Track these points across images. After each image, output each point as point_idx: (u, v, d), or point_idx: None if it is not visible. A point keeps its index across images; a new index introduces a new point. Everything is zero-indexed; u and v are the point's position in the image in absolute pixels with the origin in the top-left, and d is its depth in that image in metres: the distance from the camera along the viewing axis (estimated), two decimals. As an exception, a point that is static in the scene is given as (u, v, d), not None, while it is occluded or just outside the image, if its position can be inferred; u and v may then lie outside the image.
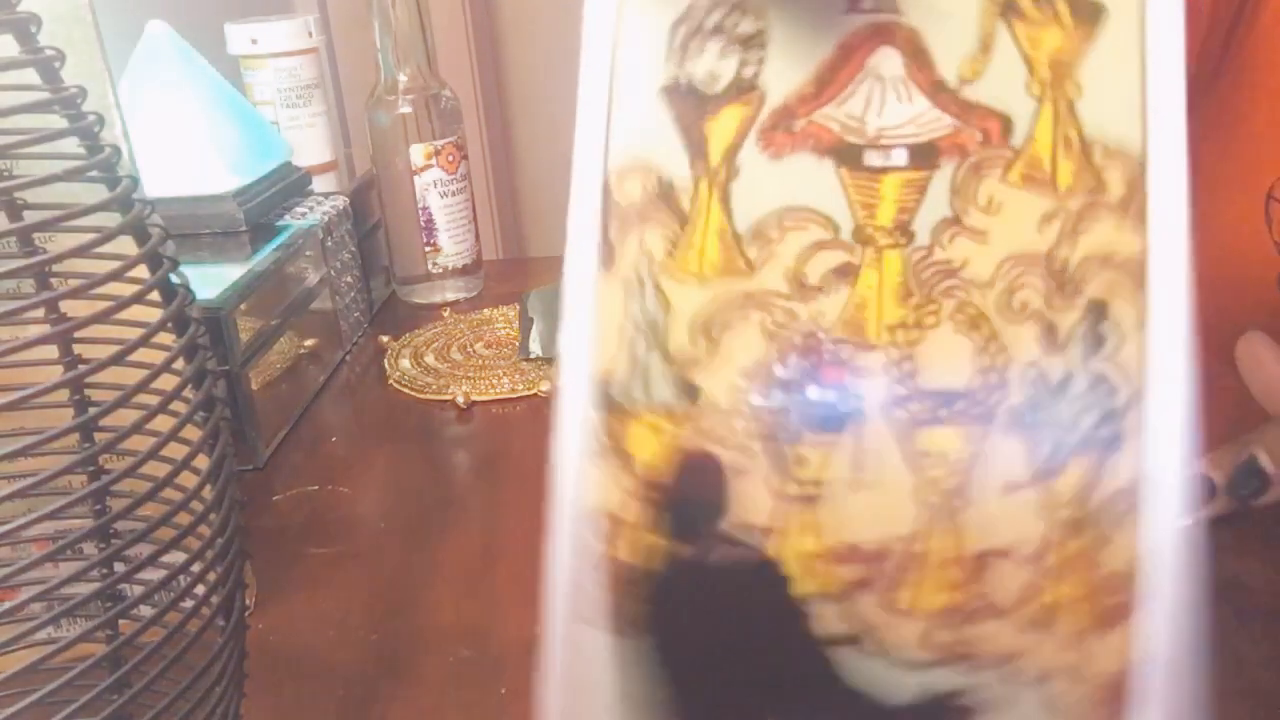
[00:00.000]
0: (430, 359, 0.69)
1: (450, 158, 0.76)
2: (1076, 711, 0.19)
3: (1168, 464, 0.19)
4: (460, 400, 0.62)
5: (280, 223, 0.67)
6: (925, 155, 0.20)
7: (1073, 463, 0.19)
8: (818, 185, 0.20)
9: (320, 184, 0.77)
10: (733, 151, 0.21)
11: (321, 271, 0.69)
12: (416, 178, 0.76)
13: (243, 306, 0.57)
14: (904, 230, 0.20)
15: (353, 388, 0.68)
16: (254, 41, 0.76)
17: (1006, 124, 0.20)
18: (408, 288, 0.80)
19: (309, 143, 0.80)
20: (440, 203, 0.77)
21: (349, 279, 0.73)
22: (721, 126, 0.21)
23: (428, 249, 0.78)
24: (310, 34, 0.78)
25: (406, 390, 0.65)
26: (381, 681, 0.40)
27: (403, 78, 0.75)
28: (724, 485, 0.20)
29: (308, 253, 0.67)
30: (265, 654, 0.42)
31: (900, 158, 0.20)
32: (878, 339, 0.20)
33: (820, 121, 0.21)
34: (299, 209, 0.70)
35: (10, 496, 0.23)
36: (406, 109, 0.75)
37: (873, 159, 0.20)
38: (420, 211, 0.76)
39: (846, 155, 0.20)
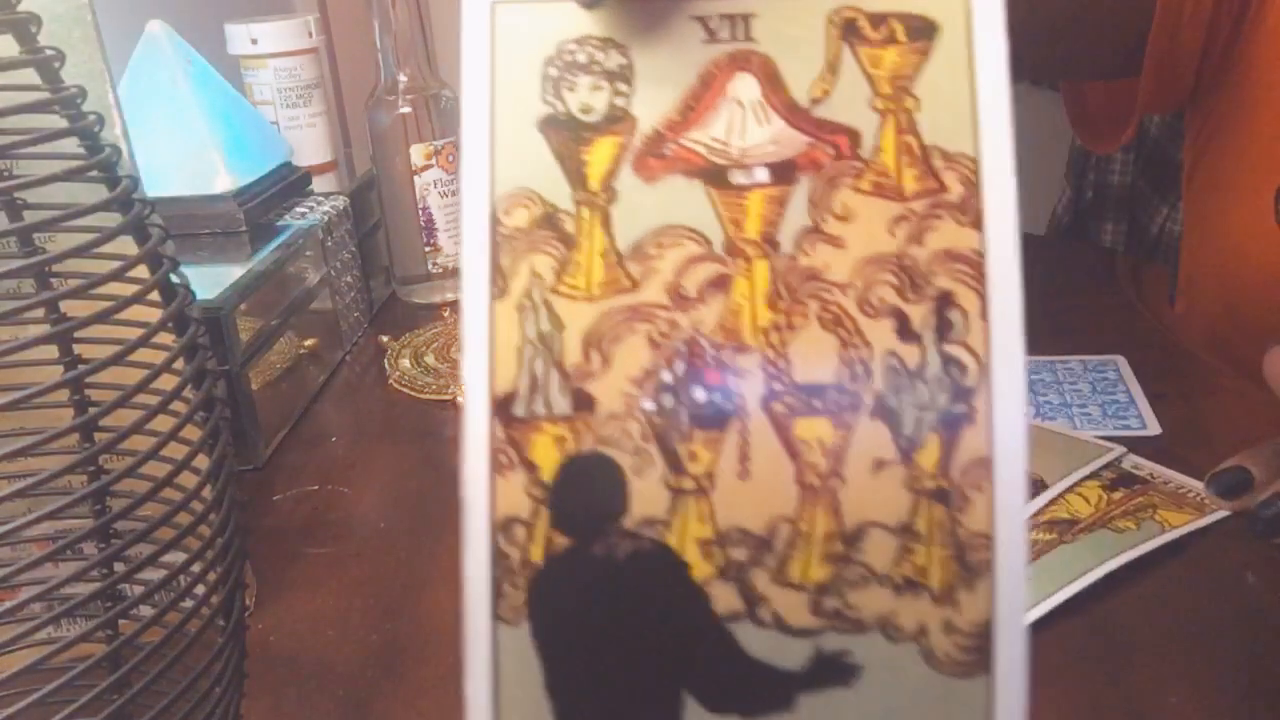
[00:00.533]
0: (430, 359, 0.69)
1: (450, 158, 0.76)
2: (951, 659, 0.21)
3: (1014, 432, 0.21)
4: (460, 400, 0.62)
5: (280, 223, 0.67)
6: (784, 171, 0.22)
7: (932, 438, 0.21)
8: (690, 205, 0.22)
9: (320, 184, 0.77)
10: (610, 177, 0.23)
11: (321, 271, 0.69)
12: (416, 178, 0.76)
13: (243, 306, 0.57)
14: (770, 241, 0.22)
15: (353, 388, 0.68)
16: (254, 41, 0.76)
17: (855, 138, 0.22)
18: (408, 288, 0.80)
19: (309, 143, 0.80)
20: (440, 203, 0.77)
21: (349, 279, 0.73)
22: (598, 155, 0.23)
23: (428, 249, 0.78)
24: (310, 34, 0.78)
25: (406, 390, 0.65)
26: (381, 681, 0.40)
27: (403, 78, 0.75)
28: (624, 485, 0.22)
29: (308, 253, 0.67)
30: (265, 654, 0.42)
31: (762, 175, 0.22)
32: (753, 341, 0.22)
33: (688, 146, 0.23)
34: (299, 209, 0.70)
35: (10, 496, 0.23)
36: (406, 109, 0.75)
37: (738, 178, 0.22)
38: (420, 211, 0.77)
39: (714, 176, 0.22)
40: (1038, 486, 0.48)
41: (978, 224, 0.22)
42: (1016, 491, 0.21)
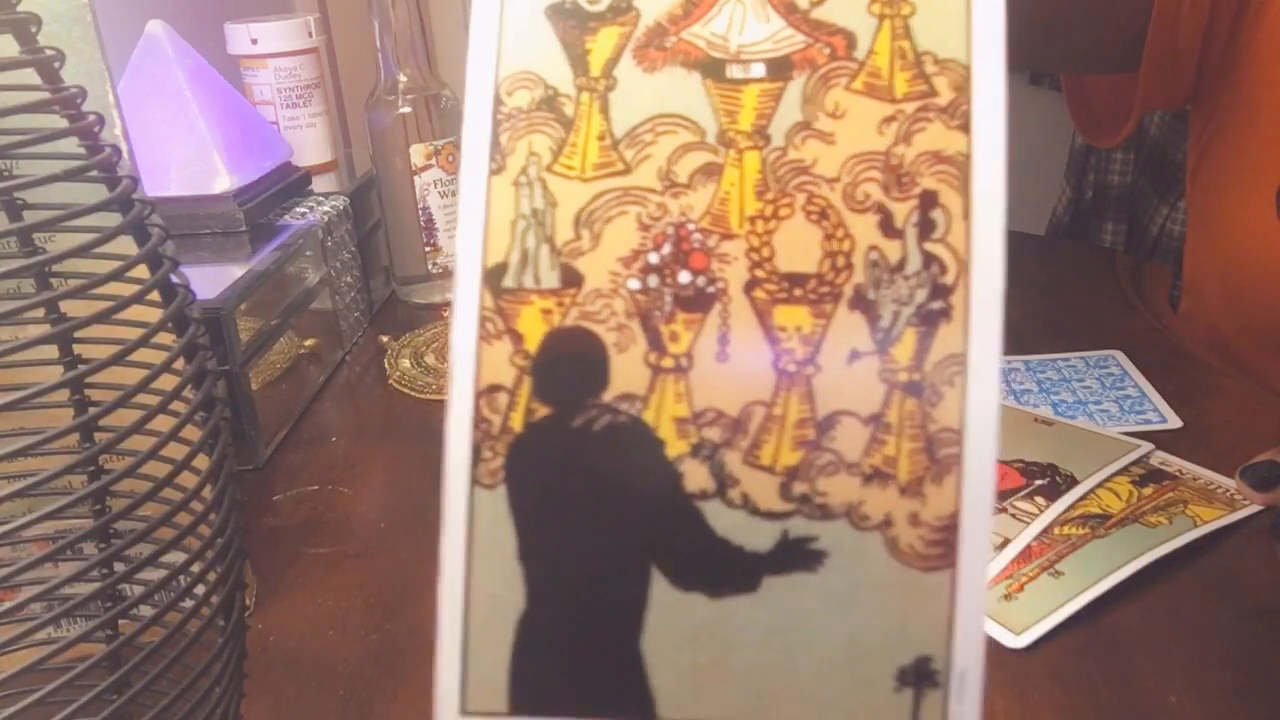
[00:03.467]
0: (430, 359, 0.69)
1: (450, 158, 0.76)
2: (915, 551, 0.22)
3: (988, 332, 0.22)
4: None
5: (280, 223, 0.67)
6: (780, 68, 0.23)
7: (909, 332, 0.22)
8: (686, 95, 0.23)
9: (320, 184, 0.77)
10: (611, 65, 0.23)
11: (321, 271, 0.69)
12: (416, 178, 0.76)
13: (243, 306, 0.57)
14: (761, 134, 0.23)
15: (353, 388, 0.68)
16: (254, 41, 0.76)
17: (850, 40, 0.23)
18: (408, 288, 0.80)
19: (309, 143, 0.80)
20: (440, 203, 0.77)
21: (349, 279, 0.73)
22: (601, 43, 0.24)
23: (428, 249, 0.78)
24: (310, 34, 0.78)
25: (406, 390, 0.65)
26: (381, 681, 0.40)
27: (403, 78, 0.75)
28: (606, 360, 0.23)
29: (308, 253, 0.67)
30: (265, 654, 0.42)
31: (759, 71, 0.23)
32: (739, 229, 0.23)
33: (689, 39, 0.23)
34: (299, 209, 0.70)
35: (10, 496, 0.23)
36: (406, 109, 0.75)
37: (735, 72, 0.23)
38: (420, 211, 0.77)
39: (712, 69, 0.23)
40: (1069, 482, 0.48)
41: (965, 128, 0.22)
42: (989, 388, 0.22)
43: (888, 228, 0.22)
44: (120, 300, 0.26)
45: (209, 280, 0.57)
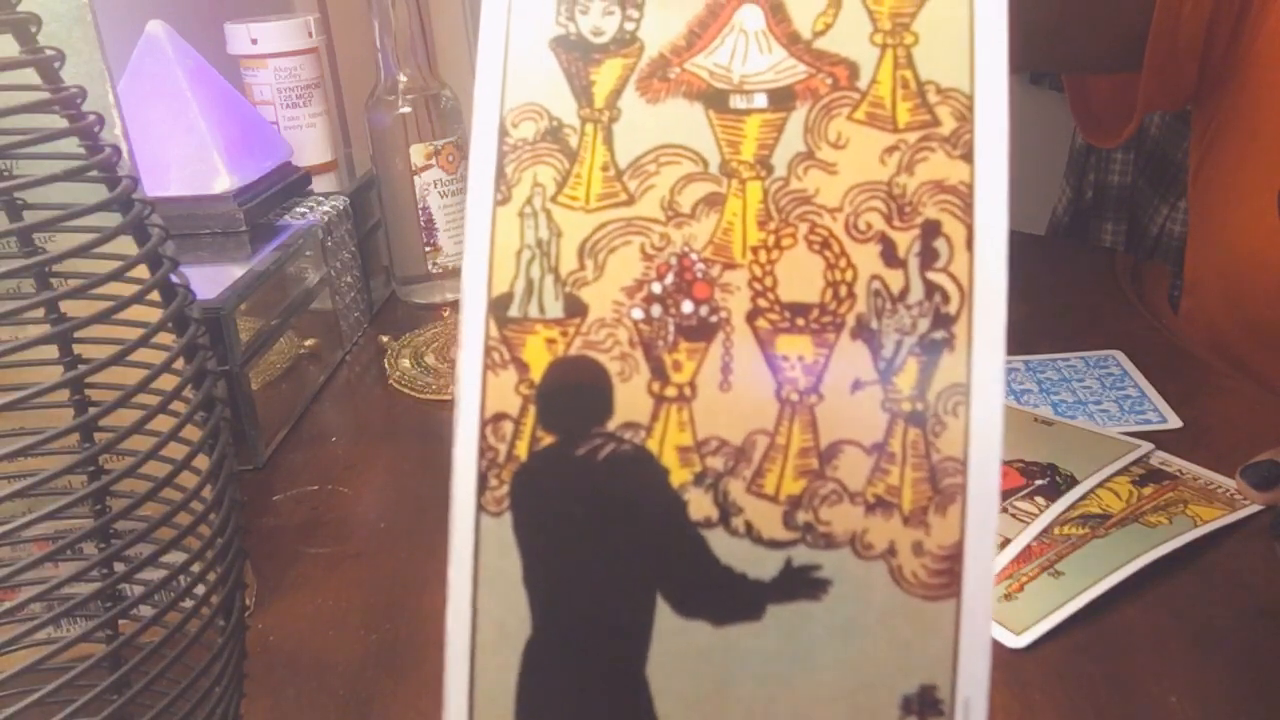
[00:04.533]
0: (430, 359, 0.69)
1: (450, 158, 0.76)
2: (919, 580, 0.22)
3: (991, 361, 0.22)
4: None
5: (280, 223, 0.67)
6: (783, 99, 0.23)
7: (911, 362, 0.22)
8: (689, 126, 0.23)
9: (320, 184, 0.77)
10: (615, 96, 0.24)
11: (321, 271, 0.69)
12: (416, 178, 0.76)
13: (243, 306, 0.57)
14: (764, 164, 0.23)
15: (353, 388, 0.68)
16: (254, 41, 0.76)
17: (853, 70, 0.23)
18: (408, 288, 0.80)
19: (309, 143, 0.80)
20: (440, 203, 0.77)
21: (349, 279, 0.73)
22: (605, 74, 0.24)
23: (428, 249, 0.78)
24: (310, 34, 0.78)
25: (406, 390, 0.65)
26: (381, 681, 0.40)
27: (403, 78, 0.75)
28: (610, 389, 0.23)
29: (308, 253, 0.67)
30: (265, 654, 0.42)
31: (761, 101, 0.23)
32: (741, 258, 0.23)
33: (692, 70, 0.24)
34: (299, 209, 0.70)
35: (10, 496, 0.23)
36: (406, 109, 0.75)
37: (737, 102, 0.23)
38: (420, 211, 0.77)
39: (714, 99, 0.23)
40: (1069, 482, 0.48)
41: (968, 157, 0.22)
42: (992, 418, 0.21)
43: (890, 257, 0.22)
44: (120, 300, 0.26)
45: (209, 280, 0.57)
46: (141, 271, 0.27)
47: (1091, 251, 1.06)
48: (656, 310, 0.23)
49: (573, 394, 0.23)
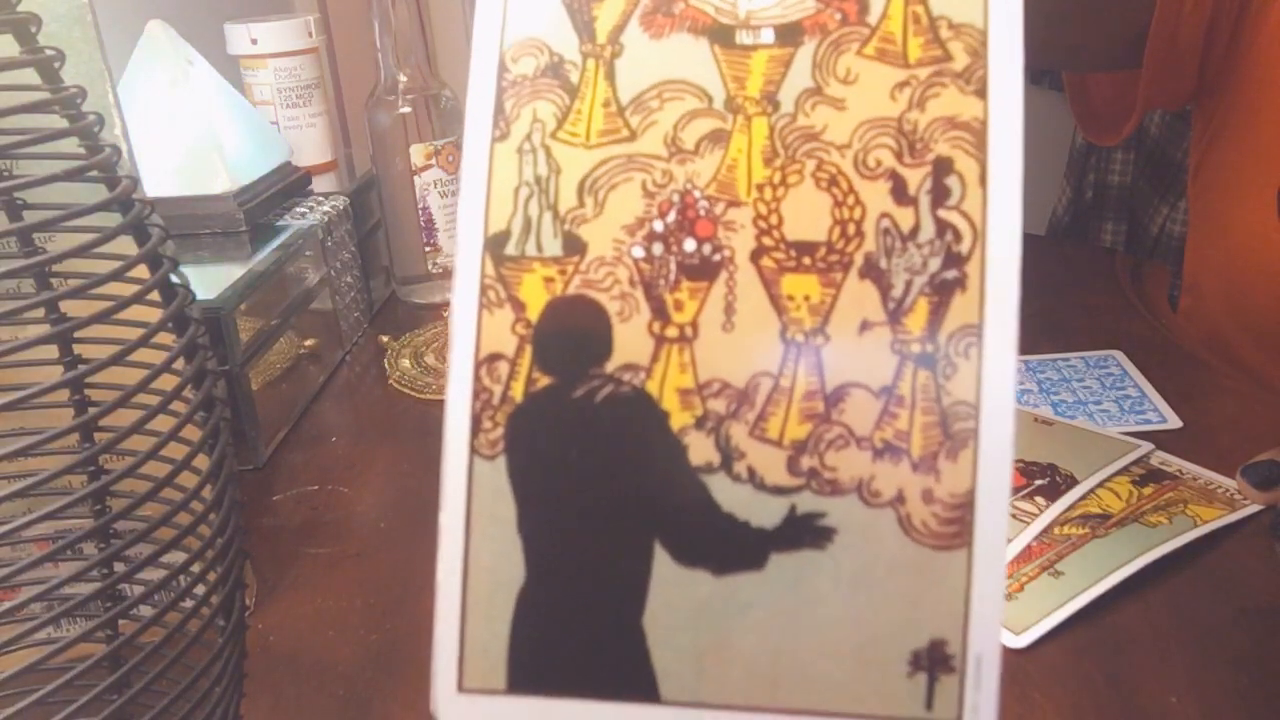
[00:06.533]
0: (430, 359, 0.69)
1: (450, 158, 0.76)
2: (929, 529, 0.21)
3: (1005, 302, 0.21)
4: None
5: (280, 223, 0.67)
6: (790, 34, 0.23)
7: (921, 302, 0.21)
8: (694, 61, 0.23)
9: (320, 184, 0.77)
10: (617, 32, 0.23)
11: (321, 271, 0.69)
12: (416, 178, 0.76)
13: (243, 306, 0.57)
14: (770, 100, 0.23)
15: (353, 388, 0.68)
16: (254, 41, 0.76)
17: (863, 5, 0.23)
18: (408, 288, 0.80)
19: (309, 143, 0.80)
20: (440, 203, 0.77)
21: (349, 279, 0.73)
22: (608, 10, 0.23)
23: (428, 249, 0.78)
24: (310, 34, 0.78)
25: (406, 390, 0.65)
26: (381, 681, 0.40)
27: (403, 78, 0.75)
28: (609, 329, 0.22)
29: (308, 253, 0.67)
30: (265, 654, 0.42)
31: (768, 36, 0.23)
32: (746, 196, 0.22)
33: (697, 5, 0.23)
34: (299, 209, 0.70)
35: (10, 496, 0.23)
36: (406, 109, 0.75)
37: (743, 38, 0.23)
38: (420, 211, 0.76)
39: (720, 35, 0.23)
40: (1069, 482, 0.48)
41: (981, 93, 0.22)
42: (1005, 361, 0.21)
43: (900, 194, 0.22)
44: (120, 300, 0.26)
45: (209, 280, 0.57)
46: (141, 271, 0.27)
47: (1091, 251, 1.06)
48: (658, 248, 0.22)
49: (571, 334, 0.22)
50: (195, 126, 0.64)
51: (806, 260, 0.22)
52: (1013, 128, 0.21)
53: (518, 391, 0.22)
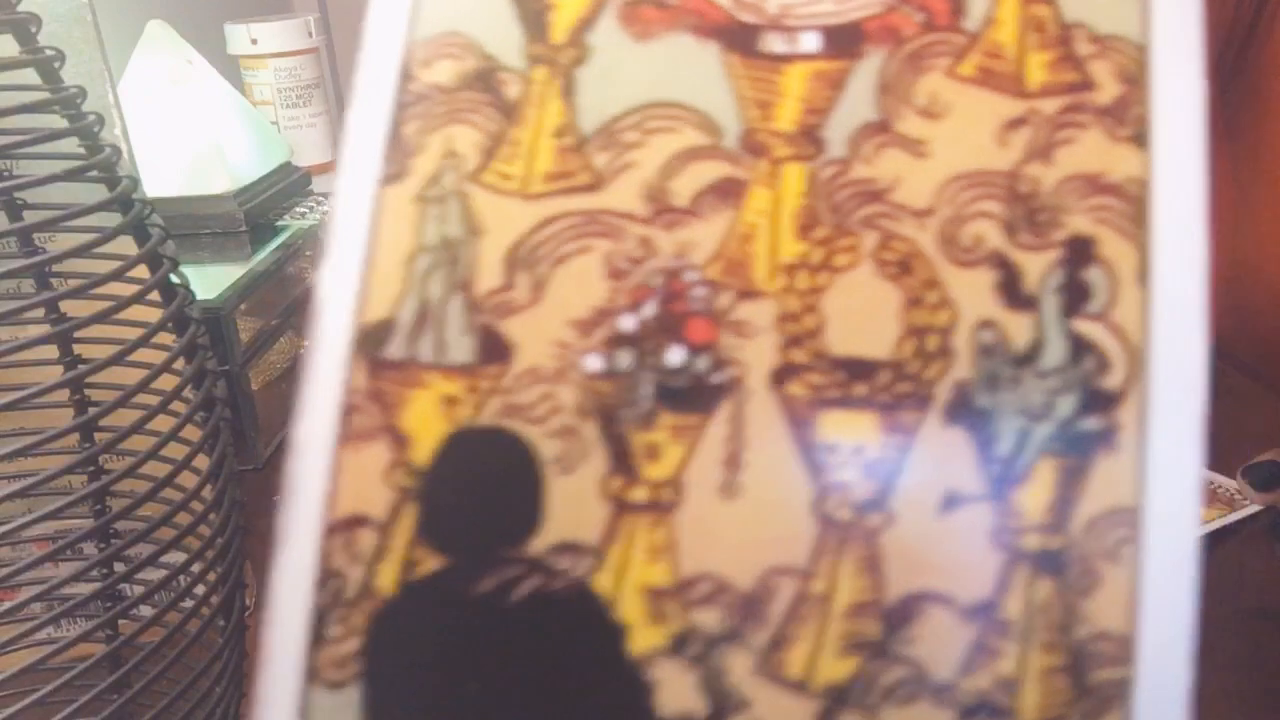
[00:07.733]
0: (430, 359, 0.69)
1: (450, 158, 0.76)
2: None
3: (1182, 468, 0.14)
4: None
5: (280, 223, 0.67)
6: (846, 40, 0.15)
7: (1044, 467, 0.14)
8: (696, 75, 0.16)
9: (320, 184, 0.77)
10: (584, 27, 0.16)
11: (321, 271, 0.69)
12: (416, 178, 0.75)
13: (243, 306, 0.57)
14: (811, 138, 0.15)
15: (353, 388, 0.68)
16: (254, 41, 0.76)
17: (956, 2, 0.16)
18: (408, 288, 0.80)
19: (309, 143, 0.80)
20: (440, 203, 0.77)
21: (349, 279, 0.73)
22: None
23: (428, 249, 0.78)
24: (310, 34, 0.78)
25: (406, 390, 0.65)
26: (381, 681, 0.40)
27: (403, 78, 0.75)
28: (538, 485, 0.15)
29: (308, 253, 0.67)
30: (265, 654, 0.42)
31: (811, 43, 0.16)
32: (768, 283, 0.15)
33: None
34: (299, 209, 0.70)
35: (10, 496, 0.23)
36: (406, 109, 0.75)
37: (773, 44, 0.16)
38: (420, 211, 0.76)
39: (737, 38, 0.16)
40: None
41: (1140, 140, 0.15)
42: (1180, 568, 0.13)
43: (1012, 293, 0.14)
44: (120, 300, 0.26)
45: (209, 280, 0.57)
46: (141, 271, 0.27)
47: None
48: (625, 359, 0.15)
49: (479, 490, 0.15)
50: (195, 126, 0.64)
51: (860, 389, 0.14)
52: (1190, 194, 0.14)
53: (387, 579, 0.15)
